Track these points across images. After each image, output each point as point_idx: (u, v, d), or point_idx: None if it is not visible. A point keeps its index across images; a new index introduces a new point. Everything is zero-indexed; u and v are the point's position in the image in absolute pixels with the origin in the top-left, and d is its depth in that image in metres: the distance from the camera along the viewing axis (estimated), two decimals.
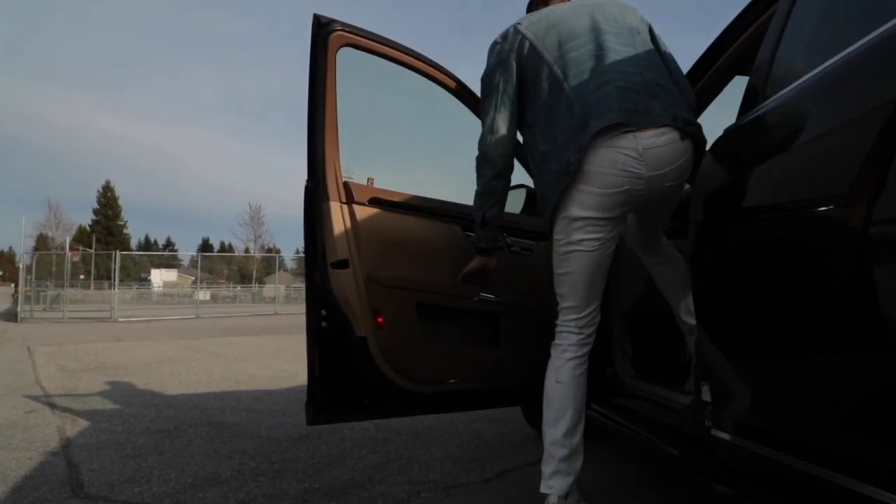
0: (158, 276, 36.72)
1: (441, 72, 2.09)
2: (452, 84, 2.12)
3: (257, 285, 31.67)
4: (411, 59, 2.03)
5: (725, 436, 1.29)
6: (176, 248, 69.24)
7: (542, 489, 1.58)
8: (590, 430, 1.76)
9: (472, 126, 2.16)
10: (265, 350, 7.37)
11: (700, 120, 2.12)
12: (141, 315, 16.05)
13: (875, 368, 0.87)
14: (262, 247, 56.91)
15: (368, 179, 1.94)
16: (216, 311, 19.59)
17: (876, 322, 0.84)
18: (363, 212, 1.85)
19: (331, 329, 1.78)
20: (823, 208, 0.98)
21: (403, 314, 1.88)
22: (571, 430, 1.61)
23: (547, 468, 1.59)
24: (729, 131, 1.42)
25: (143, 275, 36.81)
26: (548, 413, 1.64)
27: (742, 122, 1.35)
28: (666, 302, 1.95)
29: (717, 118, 2.04)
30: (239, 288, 34.51)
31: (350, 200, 1.83)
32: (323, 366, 1.79)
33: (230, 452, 2.63)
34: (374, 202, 1.88)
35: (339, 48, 1.84)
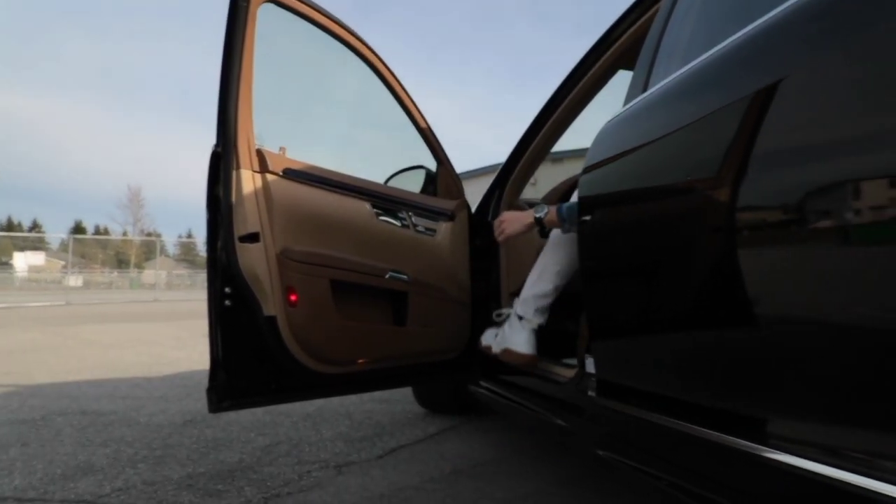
0: (23, 260, 33.60)
1: (364, 45, 2.06)
2: (374, 60, 2.09)
3: (136, 271, 29.77)
4: (335, 26, 1.97)
5: (608, 403, 1.37)
6: (43, 230, 63.96)
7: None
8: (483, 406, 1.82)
9: (387, 104, 2.16)
10: (145, 337, 6.97)
11: (585, 112, 2.25)
12: (1, 302, 14.66)
13: (740, 337, 0.96)
14: (142, 231, 53.72)
15: (280, 148, 1.84)
16: (90, 298, 18.23)
17: (740, 297, 0.93)
18: (277, 183, 1.74)
19: (235, 308, 1.68)
20: (693, 193, 1.06)
21: (318, 292, 1.80)
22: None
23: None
24: (610, 122, 1.50)
25: (4, 259, 33.55)
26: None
27: (621, 114, 1.43)
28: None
29: (602, 111, 2.16)
30: (115, 273, 32.35)
31: (264, 170, 1.72)
32: (226, 348, 1.67)
33: (105, 440, 2.48)
34: (288, 173, 1.78)
35: (261, 3, 1.72)
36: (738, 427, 0.96)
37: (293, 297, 1.75)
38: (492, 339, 2.09)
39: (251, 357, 1.73)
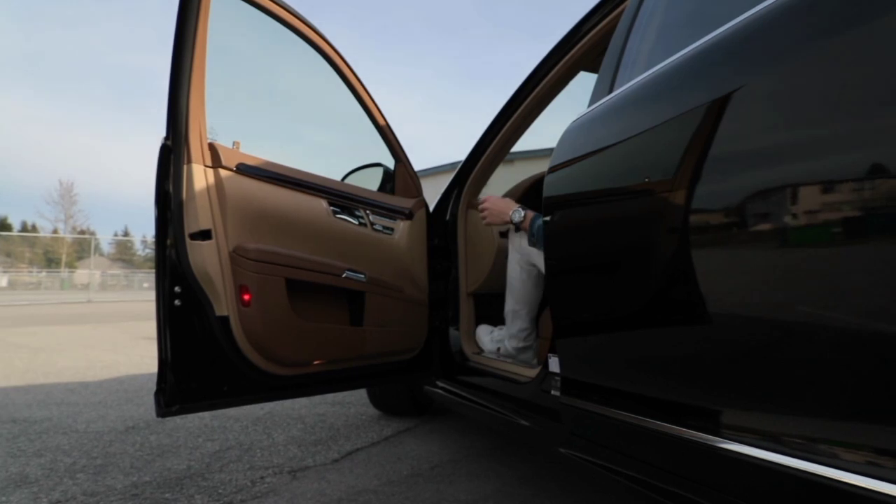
0: None
1: (322, 39, 2.00)
2: (333, 54, 2.04)
3: (67, 270, 28.45)
4: (293, 18, 1.90)
5: (573, 402, 1.37)
6: None
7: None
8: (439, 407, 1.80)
9: (346, 100, 2.12)
10: (79, 340, 6.64)
11: (546, 112, 2.25)
12: None
13: (704, 334, 0.98)
14: (74, 228, 51.57)
15: (234, 143, 1.77)
16: (16, 299, 17.33)
17: (704, 295, 0.95)
18: (230, 178, 1.67)
19: (186, 308, 1.61)
20: (658, 194, 1.07)
21: (272, 291, 1.74)
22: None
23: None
24: (575, 122, 1.50)
25: None
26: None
27: (587, 114, 1.44)
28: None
29: (557, 113, 2.17)
30: (44, 273, 30.85)
31: (216, 164, 1.65)
32: (176, 349, 1.60)
33: (39, 450, 2.34)
34: (242, 168, 1.72)
35: None
36: (699, 421, 0.98)
37: (246, 297, 1.69)
38: (493, 348, 2.24)
39: (202, 358, 1.66)
